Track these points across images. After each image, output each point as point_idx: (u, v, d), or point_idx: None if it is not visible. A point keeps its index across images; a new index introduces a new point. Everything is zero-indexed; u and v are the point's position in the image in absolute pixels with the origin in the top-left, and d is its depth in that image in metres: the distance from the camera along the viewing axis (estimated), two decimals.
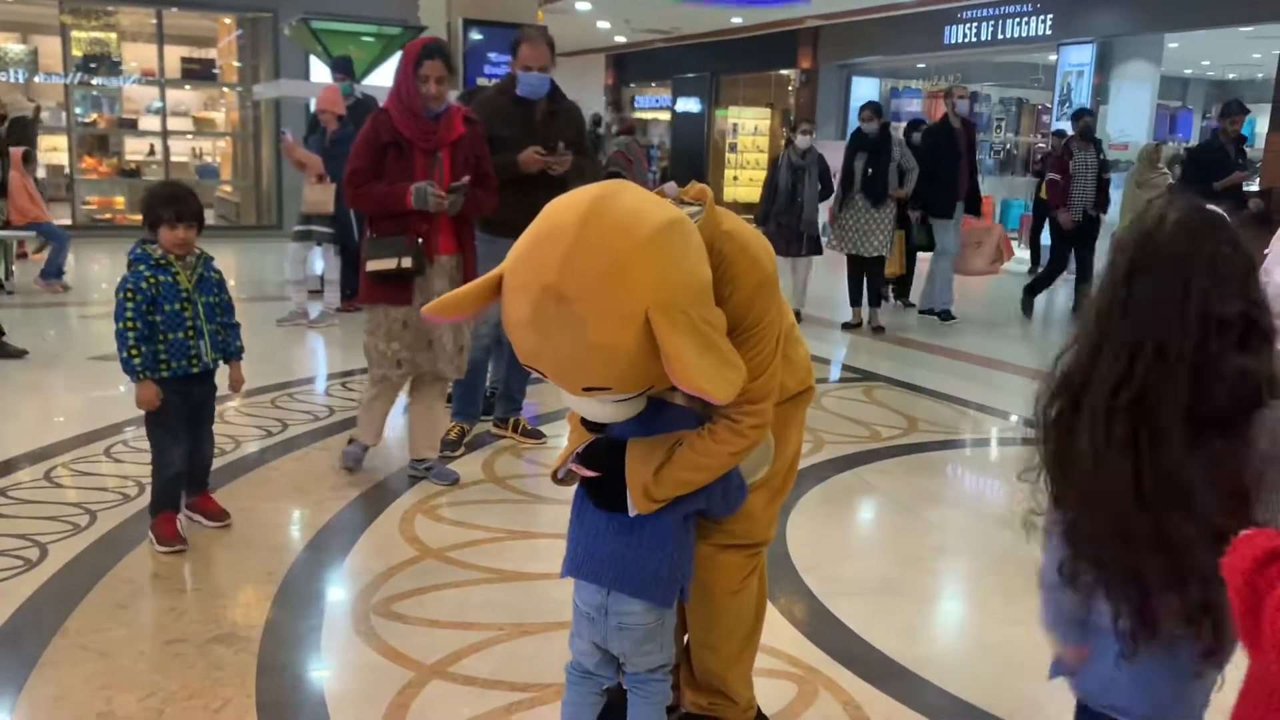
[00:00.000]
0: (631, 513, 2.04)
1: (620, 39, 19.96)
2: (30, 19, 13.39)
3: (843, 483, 4.47)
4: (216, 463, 4.28)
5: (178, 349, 3.36)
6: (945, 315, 8.48)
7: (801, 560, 3.55)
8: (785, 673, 2.78)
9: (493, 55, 10.14)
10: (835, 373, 6.78)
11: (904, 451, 4.97)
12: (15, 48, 13.57)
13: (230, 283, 3.63)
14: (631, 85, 23.26)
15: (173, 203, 3.30)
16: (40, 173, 10.34)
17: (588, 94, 19.53)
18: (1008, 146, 16.85)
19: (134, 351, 3.28)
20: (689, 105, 20.31)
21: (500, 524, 3.80)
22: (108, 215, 13.37)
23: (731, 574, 2.33)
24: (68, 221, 11.55)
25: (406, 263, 3.84)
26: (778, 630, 2.97)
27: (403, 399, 4.32)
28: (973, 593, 3.53)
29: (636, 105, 23.06)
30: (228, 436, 4.60)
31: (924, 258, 8.93)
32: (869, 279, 8.11)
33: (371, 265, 3.90)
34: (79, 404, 5.28)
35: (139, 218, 3.68)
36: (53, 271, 8.51)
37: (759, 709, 2.54)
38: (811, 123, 8.68)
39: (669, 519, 2.02)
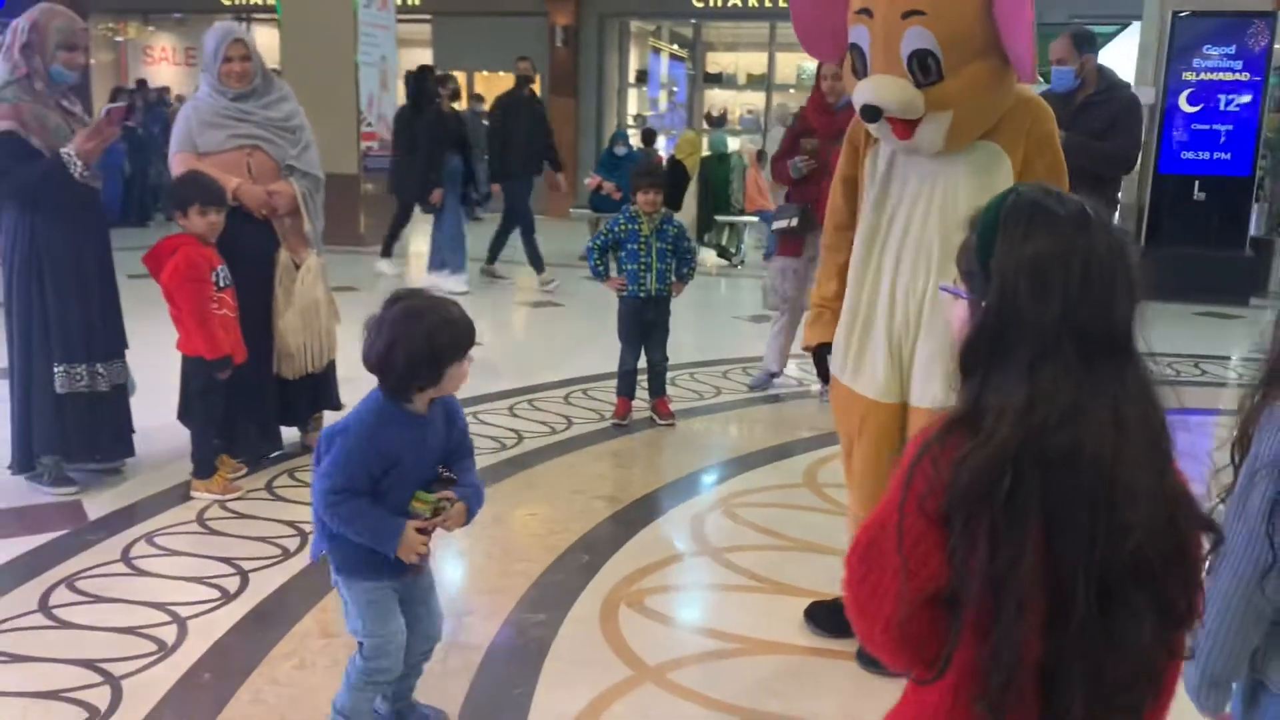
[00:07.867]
0: None
1: None
2: None
3: None
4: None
5: (631, 277, 4.79)
6: None
7: None
8: None
9: (1206, 48, 8.98)
10: None
11: None
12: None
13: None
14: None
15: (646, 175, 4.85)
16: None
17: None
18: None
19: (599, 262, 4.83)
20: None
21: (797, 533, 3.70)
22: None
23: None
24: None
25: (794, 222, 5.10)
26: None
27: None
28: None
29: None
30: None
31: None
32: None
33: (774, 224, 5.33)
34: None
35: None
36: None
37: None
38: None
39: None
